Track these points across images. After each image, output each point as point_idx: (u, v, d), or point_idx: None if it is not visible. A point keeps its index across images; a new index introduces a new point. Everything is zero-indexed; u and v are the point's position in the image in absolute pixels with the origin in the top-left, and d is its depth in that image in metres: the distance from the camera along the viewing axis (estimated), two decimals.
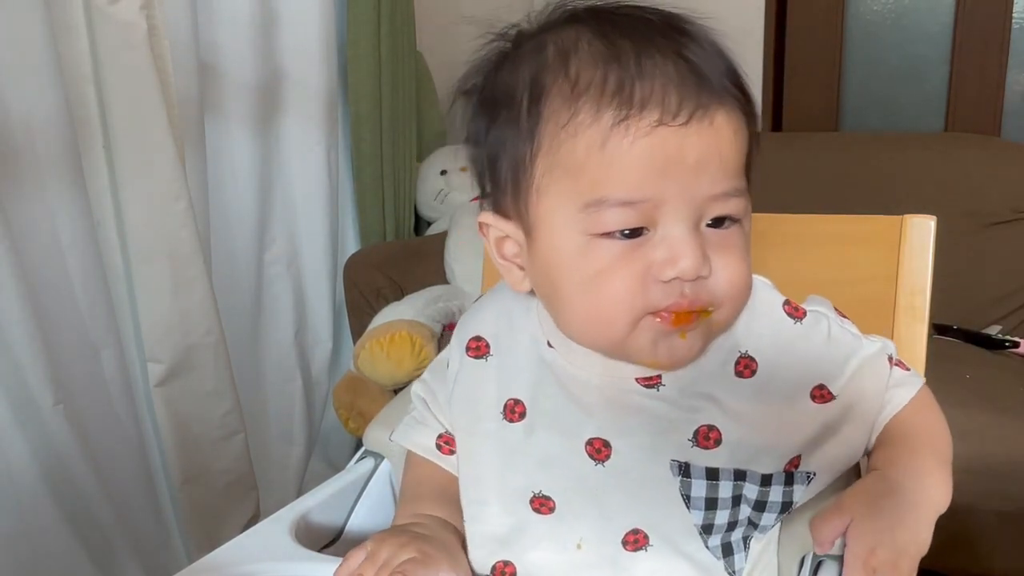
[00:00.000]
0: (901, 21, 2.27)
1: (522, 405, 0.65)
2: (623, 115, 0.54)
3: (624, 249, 0.56)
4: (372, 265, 1.97)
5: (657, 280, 0.55)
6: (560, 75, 0.56)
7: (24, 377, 1.33)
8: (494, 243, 0.64)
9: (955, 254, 1.81)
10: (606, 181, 0.55)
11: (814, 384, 0.63)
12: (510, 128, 0.59)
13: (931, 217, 0.81)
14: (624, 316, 0.56)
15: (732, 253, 0.58)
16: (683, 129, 0.54)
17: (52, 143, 1.38)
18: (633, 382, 0.62)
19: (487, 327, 0.70)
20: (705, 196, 0.55)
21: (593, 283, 0.57)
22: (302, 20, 1.82)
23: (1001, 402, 1.43)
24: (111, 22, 1.34)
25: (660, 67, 0.55)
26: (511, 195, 0.60)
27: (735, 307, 0.60)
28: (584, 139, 0.55)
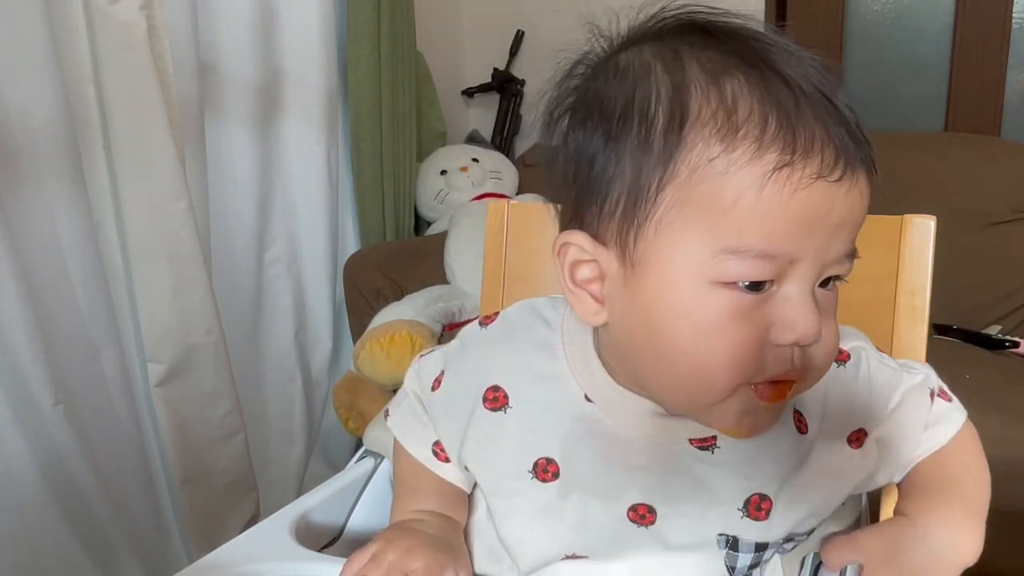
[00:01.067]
0: (901, 21, 2.27)
1: (555, 464, 0.60)
2: (786, 159, 0.48)
3: (746, 303, 0.50)
4: (372, 265, 1.97)
5: (773, 343, 0.51)
6: (713, 98, 0.50)
7: (24, 377, 1.33)
8: (568, 267, 0.55)
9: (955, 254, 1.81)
10: (752, 229, 0.49)
11: (853, 429, 0.60)
12: (636, 148, 0.51)
13: (931, 217, 0.80)
14: (730, 378, 0.51)
15: (831, 317, 0.54)
16: (836, 186, 0.49)
17: (52, 143, 1.38)
18: (686, 443, 0.58)
19: (502, 374, 0.62)
20: (834, 258, 0.51)
21: (705, 336, 0.51)
22: (302, 20, 1.82)
23: (1001, 402, 1.43)
24: (111, 22, 1.34)
25: (816, 113, 0.49)
26: (619, 221, 0.52)
27: (821, 375, 0.55)
28: (737, 179, 0.48)
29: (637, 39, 0.54)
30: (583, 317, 0.56)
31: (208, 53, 1.65)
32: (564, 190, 0.56)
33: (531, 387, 0.61)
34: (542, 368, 0.61)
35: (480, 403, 0.62)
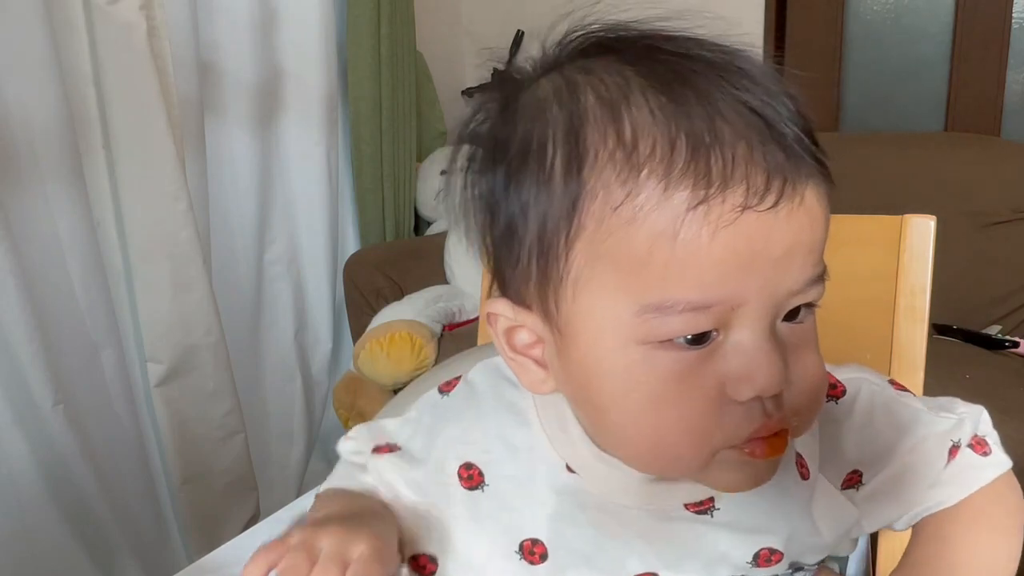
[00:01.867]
0: (901, 21, 2.27)
1: (541, 545, 0.53)
2: (700, 196, 0.41)
3: (690, 362, 0.43)
4: (372, 265, 1.97)
5: (733, 401, 0.44)
6: (610, 135, 0.42)
7: (24, 377, 1.33)
8: (503, 334, 0.49)
9: (955, 254, 1.81)
10: (675, 282, 0.42)
11: (848, 470, 0.54)
12: (539, 198, 0.44)
13: (931, 217, 0.80)
14: (699, 450, 0.45)
15: (808, 351, 0.46)
16: (771, 214, 0.41)
17: (52, 143, 1.38)
18: (681, 508, 0.52)
19: (474, 450, 0.55)
20: (788, 292, 0.44)
21: (652, 408, 0.44)
22: (302, 20, 1.82)
23: (1001, 402, 1.43)
24: (111, 22, 1.34)
25: (739, 129, 0.42)
26: (536, 283, 0.46)
27: (814, 414, 0.48)
28: (647, 226, 0.41)
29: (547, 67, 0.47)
30: (530, 387, 0.50)
31: (208, 53, 1.66)
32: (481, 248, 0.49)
33: (506, 461, 0.54)
34: (515, 438, 0.54)
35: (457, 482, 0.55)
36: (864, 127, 2.33)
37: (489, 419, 0.55)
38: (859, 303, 0.78)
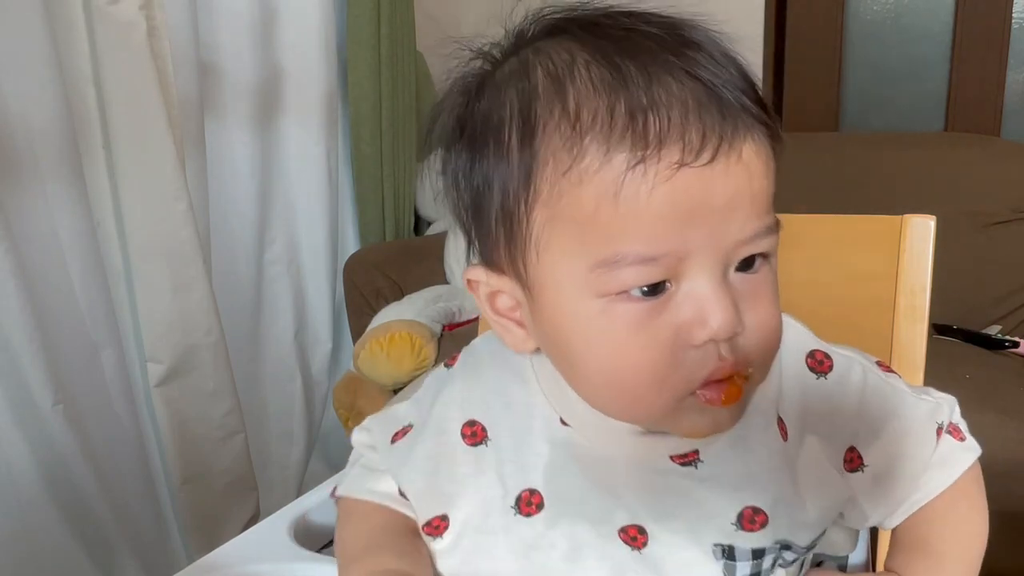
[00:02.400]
0: (901, 21, 2.27)
1: (539, 495, 0.56)
2: (638, 156, 0.45)
3: (646, 312, 0.47)
4: (372, 265, 1.97)
5: (688, 346, 0.47)
6: (556, 107, 0.47)
7: (24, 377, 1.33)
8: (485, 298, 0.54)
9: (955, 254, 1.81)
10: (621, 236, 0.46)
11: (846, 447, 0.56)
12: (499, 170, 0.49)
13: (931, 217, 0.80)
14: (660, 395, 0.48)
15: (763, 300, 0.49)
16: (708, 169, 0.45)
17: (52, 143, 1.38)
18: (667, 460, 0.54)
19: (477, 408, 0.59)
20: (735, 241, 0.47)
21: (615, 355, 0.48)
22: (302, 20, 1.82)
23: (1001, 402, 1.43)
24: (111, 22, 1.34)
25: (675, 94, 0.46)
26: (504, 248, 0.51)
27: (768, 361, 0.52)
28: (592, 187, 0.46)
29: (507, 52, 0.52)
30: (514, 347, 0.55)
31: (208, 53, 1.66)
32: (459, 220, 0.54)
33: (506, 417, 0.58)
34: (514, 396, 0.58)
35: (460, 440, 0.59)
36: (864, 127, 2.33)
37: (490, 379, 0.59)
38: (859, 303, 0.78)
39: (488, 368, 0.60)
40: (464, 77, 0.53)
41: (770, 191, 0.49)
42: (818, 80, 2.31)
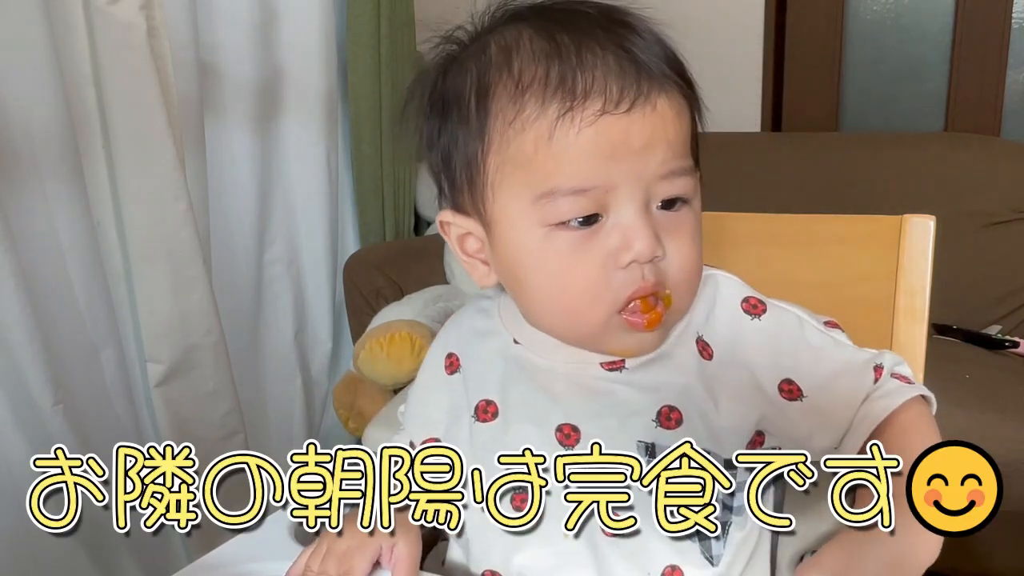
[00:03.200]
0: (901, 21, 2.27)
1: (494, 405, 0.67)
2: (567, 107, 0.56)
3: (580, 239, 0.57)
4: (372, 265, 1.97)
5: (616, 267, 0.57)
6: (504, 72, 0.58)
7: (24, 377, 1.33)
8: (456, 240, 0.65)
9: (955, 254, 1.81)
10: (556, 172, 0.56)
11: (781, 379, 0.64)
12: (460, 128, 0.60)
13: (931, 217, 0.81)
14: (591, 310, 0.59)
15: (683, 236, 0.59)
16: (626, 116, 0.56)
17: (52, 143, 1.38)
18: (597, 367, 0.64)
19: (455, 343, 0.72)
20: (653, 176, 0.57)
21: (555, 276, 0.59)
22: (302, 20, 1.82)
23: (1001, 402, 1.43)
24: (111, 22, 1.34)
25: (600, 59, 0.56)
26: (467, 193, 0.62)
27: (688, 290, 0.62)
28: (531, 133, 0.57)
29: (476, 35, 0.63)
30: (479, 282, 0.65)
31: (208, 53, 1.65)
32: (434, 175, 0.65)
33: (473, 344, 0.70)
34: (480, 326, 0.70)
35: (443, 371, 0.71)
36: (864, 127, 2.33)
37: (466, 320, 0.72)
38: (859, 303, 0.78)
39: (467, 314, 0.73)
40: (435, 59, 0.64)
41: (685, 139, 0.59)
42: (818, 80, 2.31)
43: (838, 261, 0.84)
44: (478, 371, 0.69)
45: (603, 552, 0.62)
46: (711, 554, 0.62)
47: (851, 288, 0.81)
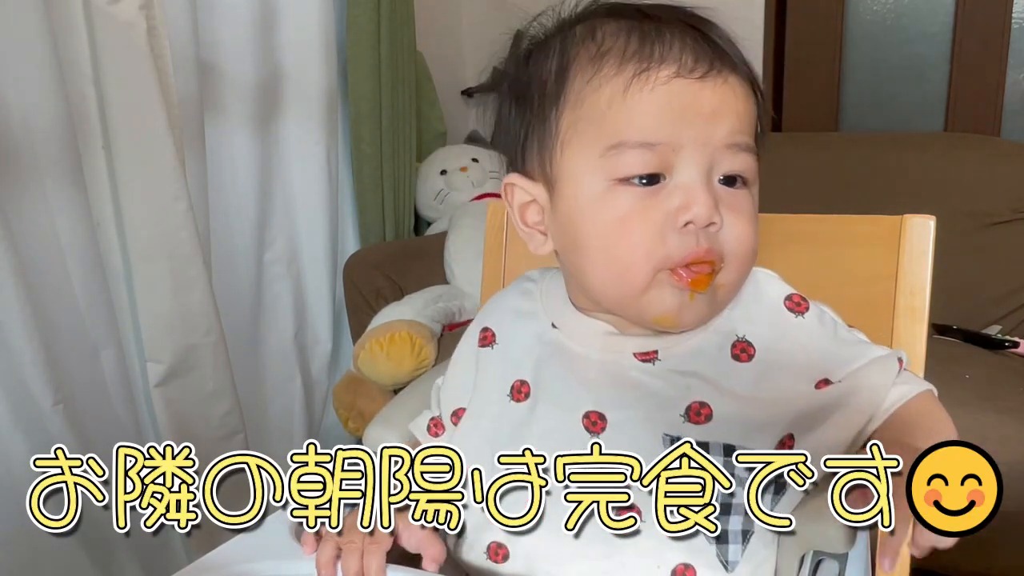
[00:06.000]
0: (901, 21, 2.27)
1: (528, 385, 0.67)
2: (643, 67, 0.59)
3: (642, 196, 0.59)
4: (372, 265, 1.97)
5: (673, 228, 0.59)
6: (587, 41, 0.62)
7: (24, 377, 1.33)
8: (517, 210, 0.67)
9: (955, 254, 1.81)
10: (626, 125, 0.59)
11: (819, 378, 0.64)
12: (538, 99, 0.63)
13: (931, 217, 0.81)
14: (643, 265, 0.60)
15: (741, 214, 0.61)
16: (699, 82, 0.59)
17: (52, 143, 1.38)
18: (631, 357, 0.65)
19: (494, 319, 0.73)
20: (719, 143, 0.59)
21: (613, 230, 0.60)
22: (302, 20, 1.82)
23: (1001, 402, 1.43)
24: (111, 22, 1.34)
25: (678, 36, 0.60)
26: (538, 154, 0.64)
27: (740, 269, 0.62)
28: (607, 89, 0.60)
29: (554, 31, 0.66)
30: (534, 250, 0.67)
31: (208, 52, 1.65)
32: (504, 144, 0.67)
33: (511, 323, 0.71)
34: (520, 307, 0.71)
35: (476, 343, 0.72)
36: (864, 127, 2.33)
37: (508, 298, 0.74)
38: (859, 303, 0.78)
39: (509, 293, 0.74)
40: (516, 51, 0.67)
41: (751, 120, 0.62)
42: (818, 80, 2.31)
43: (838, 261, 0.84)
44: (515, 351, 0.70)
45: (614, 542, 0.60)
46: (727, 558, 0.62)
47: (851, 288, 0.81)
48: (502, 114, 0.67)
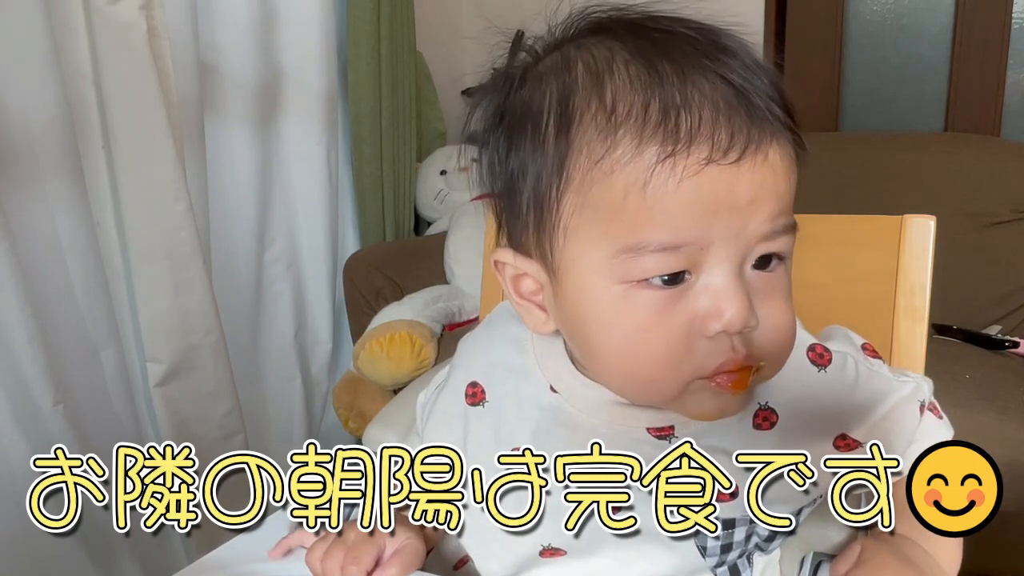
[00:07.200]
0: (901, 21, 2.27)
1: None
2: (668, 151, 0.47)
3: (664, 300, 0.50)
4: (372, 265, 1.97)
5: (702, 336, 0.50)
6: (594, 100, 0.49)
7: (24, 377, 1.33)
8: (510, 281, 0.58)
9: (955, 254, 1.81)
10: (647, 225, 0.48)
11: (836, 434, 0.59)
12: (534, 156, 0.52)
13: (931, 217, 0.80)
14: (671, 379, 0.51)
15: (777, 299, 0.52)
16: (735, 167, 0.48)
17: (52, 143, 1.38)
18: (644, 431, 0.58)
19: (478, 371, 0.65)
20: (754, 235, 0.50)
21: (632, 341, 0.51)
22: (302, 20, 1.82)
23: (1001, 402, 1.43)
24: (111, 22, 1.34)
25: (707, 95, 0.48)
26: (533, 232, 0.54)
27: (781, 359, 0.54)
28: (623, 177, 0.48)
29: (549, 48, 0.54)
30: (534, 328, 0.58)
31: (208, 53, 1.65)
32: (492, 186, 0.56)
33: (503, 381, 0.63)
34: (512, 362, 0.63)
35: (463, 400, 0.65)
36: (864, 127, 2.33)
37: (495, 348, 0.64)
38: (859, 303, 0.78)
39: (496, 338, 0.65)
40: (506, 68, 0.55)
41: (792, 194, 0.51)
42: (818, 80, 2.31)
43: (838, 261, 0.84)
44: (509, 418, 0.62)
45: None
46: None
47: (851, 288, 0.81)
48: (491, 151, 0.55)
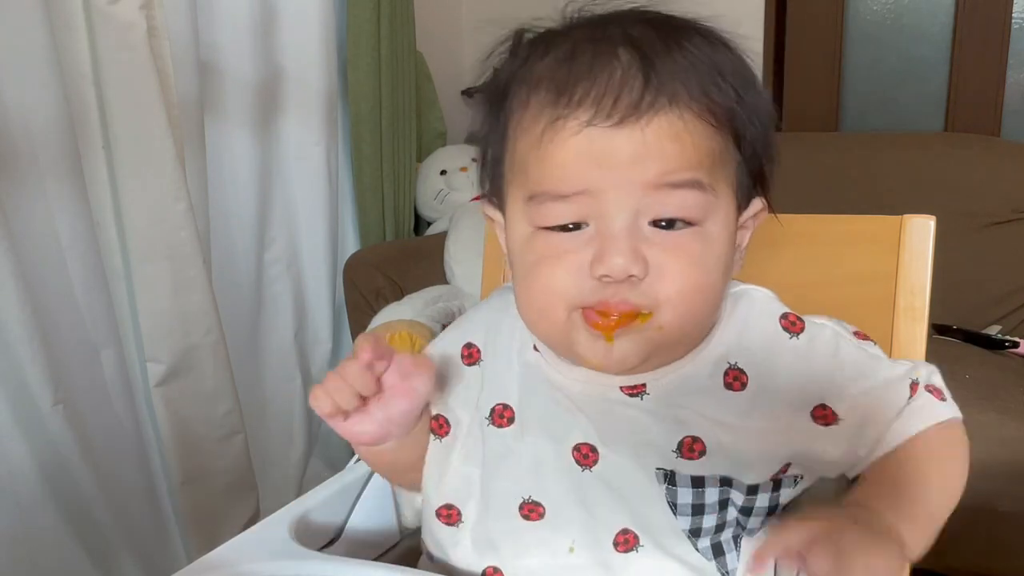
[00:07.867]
0: (901, 21, 2.27)
1: (511, 410, 0.65)
2: (557, 115, 0.56)
3: (561, 242, 0.58)
4: (372, 265, 1.97)
5: (590, 277, 0.56)
6: (525, 74, 0.59)
7: (24, 377, 1.33)
8: (500, 234, 0.66)
9: (955, 254, 1.81)
10: (540, 177, 0.58)
11: (815, 404, 0.61)
12: (493, 124, 0.62)
13: (931, 217, 0.80)
14: (556, 307, 0.58)
15: (680, 257, 0.56)
16: (613, 130, 0.55)
17: (52, 143, 1.38)
18: (618, 390, 0.62)
19: (478, 334, 0.70)
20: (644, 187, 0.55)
21: (531, 272, 0.59)
22: (302, 20, 1.82)
23: (1001, 402, 1.43)
24: (111, 22, 1.34)
25: (609, 69, 0.55)
26: (496, 185, 0.64)
27: (681, 314, 0.57)
28: (527, 137, 0.58)
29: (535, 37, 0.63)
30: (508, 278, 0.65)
31: (208, 53, 1.65)
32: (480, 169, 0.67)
33: (494, 340, 0.69)
34: (502, 323, 0.68)
35: (460, 360, 0.69)
36: (864, 127, 2.33)
37: (493, 314, 0.70)
38: (859, 303, 0.78)
39: (491, 306, 0.71)
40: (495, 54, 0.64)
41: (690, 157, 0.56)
42: (818, 80, 2.31)
43: (838, 261, 0.84)
44: (497, 370, 0.67)
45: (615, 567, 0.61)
46: (727, 568, 0.61)
47: (851, 288, 0.81)
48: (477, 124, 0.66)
